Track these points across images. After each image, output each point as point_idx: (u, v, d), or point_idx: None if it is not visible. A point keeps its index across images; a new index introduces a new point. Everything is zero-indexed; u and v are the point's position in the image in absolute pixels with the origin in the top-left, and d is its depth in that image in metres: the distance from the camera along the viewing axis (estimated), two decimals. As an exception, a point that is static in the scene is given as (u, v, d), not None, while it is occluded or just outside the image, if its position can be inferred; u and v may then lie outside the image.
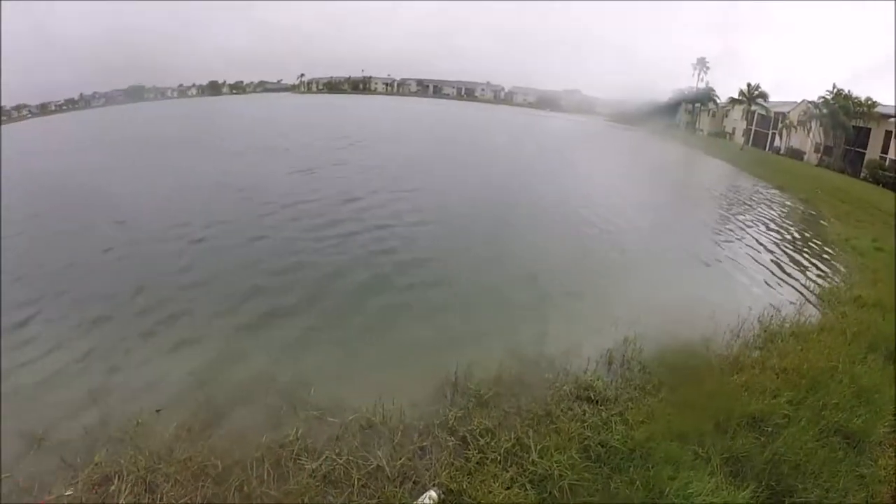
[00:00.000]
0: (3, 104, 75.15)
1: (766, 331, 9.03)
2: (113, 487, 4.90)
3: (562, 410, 6.09)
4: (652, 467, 5.12)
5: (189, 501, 4.78)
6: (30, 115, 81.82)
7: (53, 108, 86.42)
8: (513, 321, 9.17)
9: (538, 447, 5.33)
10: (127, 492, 4.85)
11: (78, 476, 5.09)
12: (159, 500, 4.76)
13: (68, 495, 4.91)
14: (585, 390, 6.54)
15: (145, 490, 4.93)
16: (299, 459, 5.35)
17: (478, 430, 5.66)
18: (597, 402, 6.33)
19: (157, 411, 6.34)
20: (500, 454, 5.33)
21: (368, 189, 19.39)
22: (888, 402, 6.73)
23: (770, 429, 5.81)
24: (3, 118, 75.24)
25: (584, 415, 6.01)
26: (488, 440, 5.53)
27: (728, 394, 6.53)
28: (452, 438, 5.65)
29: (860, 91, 43.82)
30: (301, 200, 17.45)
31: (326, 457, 5.35)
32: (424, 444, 5.61)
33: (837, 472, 5.32)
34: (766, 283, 12.56)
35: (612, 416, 5.95)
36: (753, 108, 55.45)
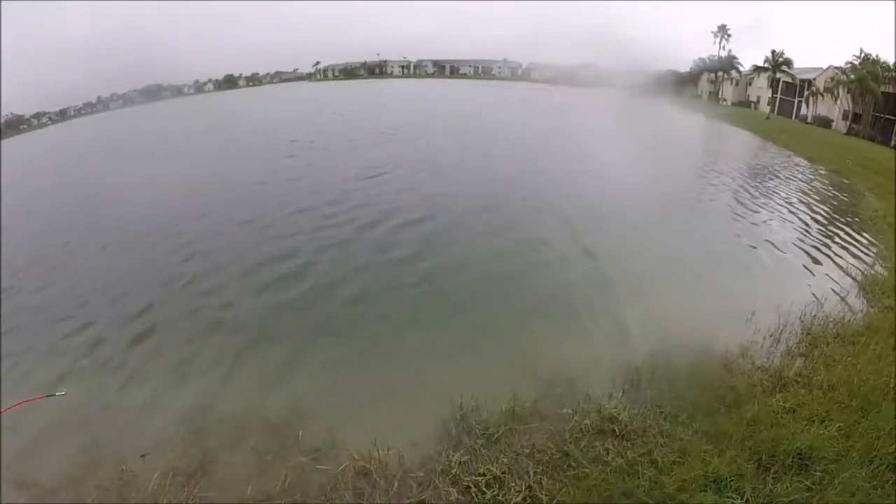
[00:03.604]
0: (21, 113, 76.57)
1: (808, 333, 8.10)
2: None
3: (581, 450, 5.34)
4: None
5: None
6: (49, 122, 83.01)
7: (73, 112, 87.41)
8: (530, 337, 8.27)
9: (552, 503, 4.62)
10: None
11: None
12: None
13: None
14: (609, 423, 5.72)
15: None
16: (285, 517, 4.80)
17: (483, 481, 4.97)
18: (622, 436, 5.55)
19: (143, 456, 5.90)
20: (507, 512, 4.64)
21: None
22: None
23: (819, 471, 4.98)
24: (23, 127, 76.62)
25: (608, 454, 5.25)
26: (495, 492, 4.86)
27: (771, 421, 5.69)
28: (454, 490, 4.97)
29: (890, 56, 41.22)
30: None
31: (314, 513, 4.79)
32: (423, 496, 4.96)
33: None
34: (804, 267, 11.50)
35: (638, 456, 5.17)
36: (778, 75, 52.63)
